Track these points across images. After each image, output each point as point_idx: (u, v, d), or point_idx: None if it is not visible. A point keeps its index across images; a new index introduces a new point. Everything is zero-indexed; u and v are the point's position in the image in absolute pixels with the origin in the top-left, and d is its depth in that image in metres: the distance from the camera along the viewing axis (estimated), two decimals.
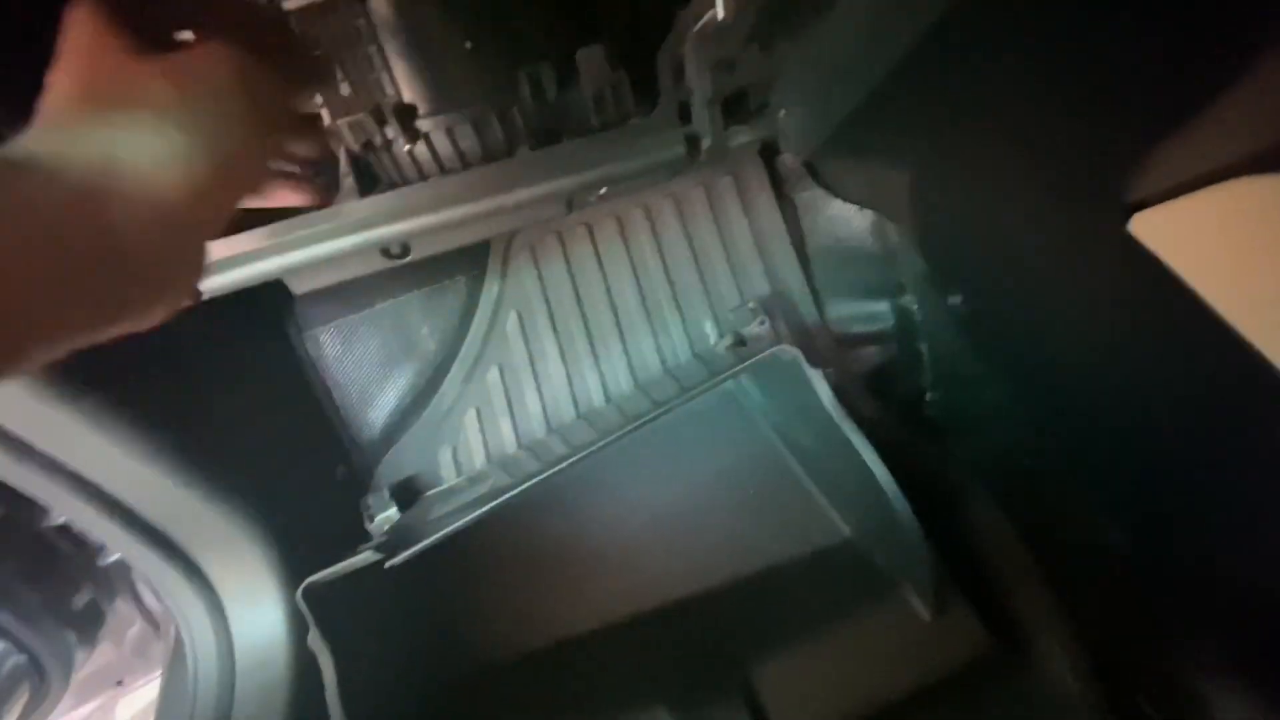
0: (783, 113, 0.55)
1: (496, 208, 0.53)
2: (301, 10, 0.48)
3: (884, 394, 0.74)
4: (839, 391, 0.56)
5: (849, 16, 0.44)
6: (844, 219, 0.77)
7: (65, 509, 0.53)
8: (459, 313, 0.79)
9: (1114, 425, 0.49)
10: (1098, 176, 0.41)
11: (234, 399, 0.66)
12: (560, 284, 0.79)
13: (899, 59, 0.43)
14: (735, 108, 0.56)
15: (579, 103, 0.53)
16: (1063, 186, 0.43)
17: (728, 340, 0.72)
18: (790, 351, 0.56)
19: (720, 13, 0.45)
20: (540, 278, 0.79)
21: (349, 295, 0.73)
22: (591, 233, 0.79)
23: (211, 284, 0.51)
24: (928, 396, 0.73)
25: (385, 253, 0.55)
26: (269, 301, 0.71)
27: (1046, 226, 0.47)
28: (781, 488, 0.71)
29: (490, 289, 0.79)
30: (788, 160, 0.77)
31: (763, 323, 0.68)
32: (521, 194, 0.52)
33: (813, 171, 0.77)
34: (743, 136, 0.55)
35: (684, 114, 0.53)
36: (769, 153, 0.78)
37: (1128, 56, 0.35)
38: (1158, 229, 0.42)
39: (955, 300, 0.64)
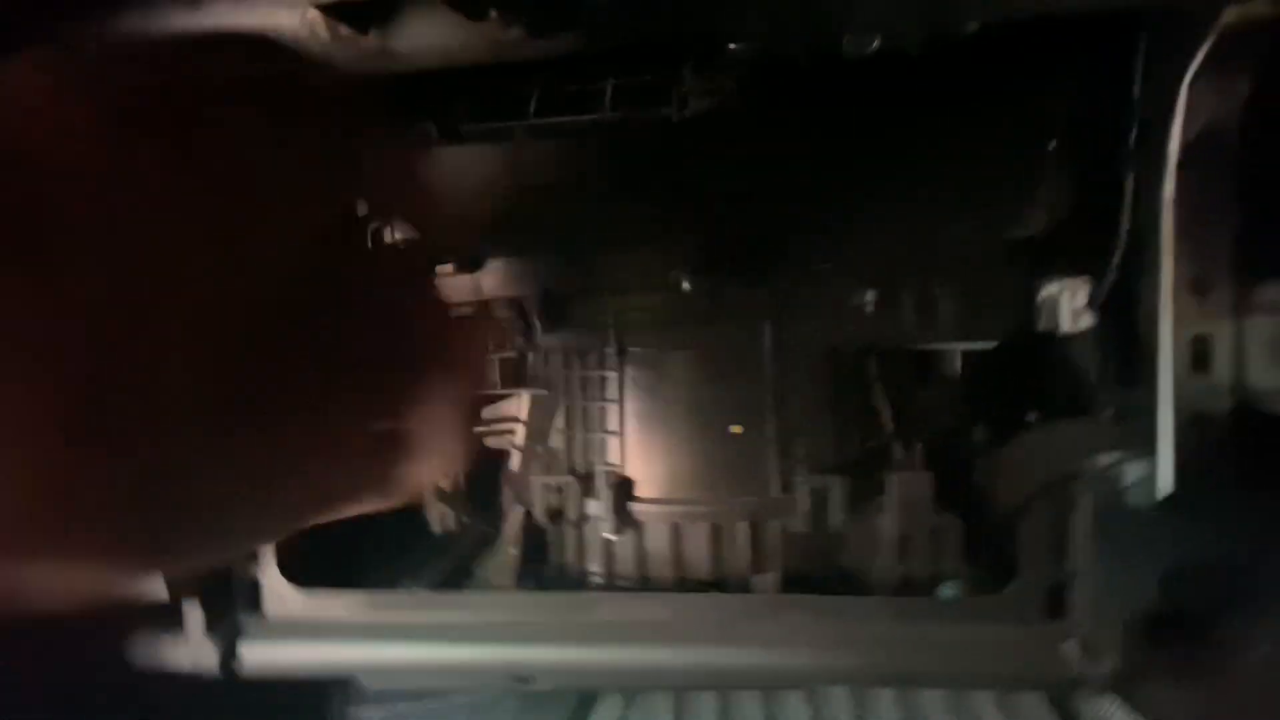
0: None
1: (702, 661, 0.34)
2: (549, 349, 0.38)
3: None
4: None
5: None
6: None
7: None
8: None
9: None
10: None
11: None
12: None
13: None
14: None
15: (871, 537, 0.37)
16: None
17: None
18: None
19: (1164, 483, 0.29)
20: None
21: None
22: None
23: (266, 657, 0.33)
24: None
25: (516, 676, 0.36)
26: None
27: None
28: None
29: (606, 714, 0.55)
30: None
31: None
32: (746, 654, 0.34)
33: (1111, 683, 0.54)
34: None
35: (1054, 602, 0.34)
36: None
37: None
38: None
39: None
